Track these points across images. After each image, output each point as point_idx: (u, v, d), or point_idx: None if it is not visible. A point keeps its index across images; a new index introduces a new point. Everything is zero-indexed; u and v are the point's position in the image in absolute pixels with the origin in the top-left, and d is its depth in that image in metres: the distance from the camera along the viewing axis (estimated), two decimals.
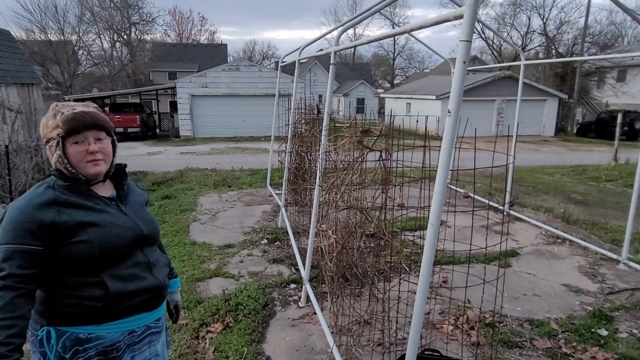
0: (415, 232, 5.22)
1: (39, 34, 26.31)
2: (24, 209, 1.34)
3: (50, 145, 1.45)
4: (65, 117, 1.42)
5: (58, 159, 1.43)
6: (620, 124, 12.39)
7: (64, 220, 1.36)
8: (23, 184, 6.92)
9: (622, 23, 31.32)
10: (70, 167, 1.43)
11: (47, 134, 1.45)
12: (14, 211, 1.34)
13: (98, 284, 1.39)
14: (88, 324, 1.39)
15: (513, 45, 9.27)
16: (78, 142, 1.44)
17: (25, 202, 1.36)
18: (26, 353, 1.42)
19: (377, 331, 3.11)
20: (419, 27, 1.91)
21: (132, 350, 1.49)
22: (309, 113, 5.78)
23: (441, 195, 1.61)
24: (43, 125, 1.48)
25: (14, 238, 1.30)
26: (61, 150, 1.42)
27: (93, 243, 1.37)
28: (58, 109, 1.46)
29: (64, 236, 1.35)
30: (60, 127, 1.42)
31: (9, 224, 1.32)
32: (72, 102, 1.53)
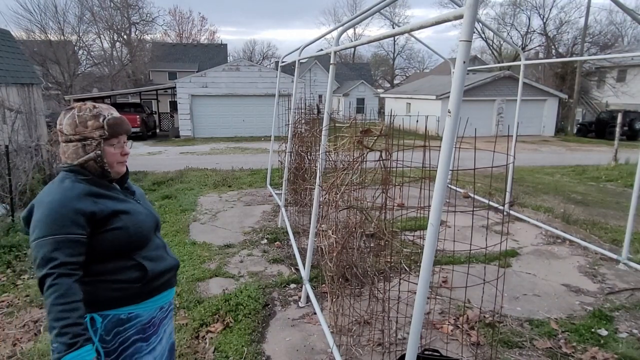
0: (415, 232, 5.22)
1: (39, 34, 26.31)
2: (63, 201, 1.43)
3: (85, 143, 1.53)
4: (111, 121, 1.55)
5: (95, 157, 1.54)
6: (620, 124, 12.39)
7: (100, 209, 1.47)
8: (23, 183, 6.91)
9: (622, 23, 31.35)
10: (105, 165, 1.56)
11: (86, 133, 1.53)
12: (53, 204, 1.41)
13: (135, 267, 1.53)
14: (128, 305, 1.51)
15: (513, 45, 9.28)
16: (114, 144, 1.58)
17: (61, 195, 1.44)
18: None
19: (377, 331, 3.11)
20: (419, 27, 1.92)
21: (162, 325, 1.65)
22: (309, 113, 5.78)
23: (441, 195, 1.61)
24: (78, 124, 1.53)
25: (59, 229, 1.38)
26: (101, 150, 1.54)
27: (128, 228, 1.52)
28: (98, 111, 1.55)
29: (101, 224, 1.46)
30: (105, 129, 1.54)
31: (50, 217, 1.39)
32: (104, 105, 1.61)
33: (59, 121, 1.57)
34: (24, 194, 6.91)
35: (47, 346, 3.10)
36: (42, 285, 1.36)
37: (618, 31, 31.74)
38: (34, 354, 3.05)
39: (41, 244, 1.37)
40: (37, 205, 1.44)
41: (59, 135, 1.57)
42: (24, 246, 5.30)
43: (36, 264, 1.37)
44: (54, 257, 1.35)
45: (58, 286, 1.33)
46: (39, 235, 1.38)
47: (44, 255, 1.36)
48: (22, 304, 3.95)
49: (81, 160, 1.54)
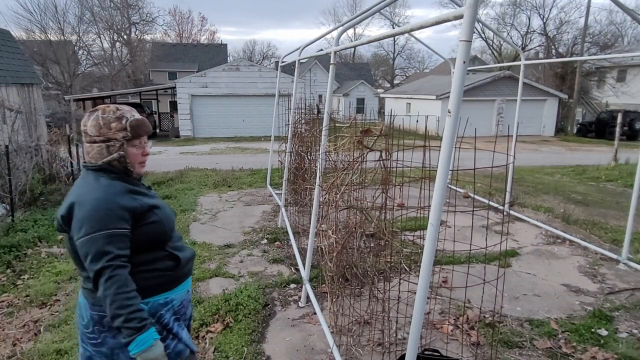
0: (415, 232, 5.22)
1: (39, 34, 26.32)
2: (108, 198, 1.52)
3: (109, 144, 1.60)
4: (133, 123, 1.62)
5: (119, 158, 1.61)
6: (620, 124, 12.39)
7: (140, 204, 1.58)
8: (23, 183, 6.91)
9: (622, 23, 31.34)
10: (128, 165, 1.64)
11: (110, 134, 1.60)
12: (99, 201, 1.50)
13: (168, 256, 1.67)
14: (165, 291, 1.65)
15: (513, 45, 9.28)
16: (136, 145, 1.65)
17: (104, 192, 1.53)
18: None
19: (377, 331, 3.11)
20: (419, 27, 1.92)
21: (188, 306, 1.82)
22: (309, 113, 5.78)
23: (441, 195, 1.61)
24: (102, 126, 1.59)
25: (109, 224, 1.47)
26: (124, 151, 1.61)
27: (162, 222, 1.64)
28: (121, 114, 1.62)
29: (140, 219, 1.57)
30: (128, 130, 1.61)
31: (98, 213, 1.48)
32: (126, 107, 1.67)
33: (84, 123, 1.62)
34: (24, 194, 6.91)
35: (47, 346, 3.11)
36: (99, 277, 1.44)
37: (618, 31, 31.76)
38: (34, 354, 3.05)
39: (94, 238, 1.45)
40: (80, 203, 1.50)
41: (84, 136, 1.63)
42: (24, 246, 5.30)
43: (89, 258, 1.45)
44: (108, 250, 1.45)
45: (118, 277, 1.44)
46: (89, 230, 1.45)
47: (97, 249, 1.44)
48: (22, 304, 3.95)
49: (105, 160, 1.61)
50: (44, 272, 4.64)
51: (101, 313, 1.57)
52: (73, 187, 1.62)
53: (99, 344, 1.60)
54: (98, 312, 1.58)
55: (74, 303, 3.87)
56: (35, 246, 5.41)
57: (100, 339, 1.60)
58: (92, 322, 1.60)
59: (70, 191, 1.60)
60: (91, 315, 1.59)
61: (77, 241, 1.48)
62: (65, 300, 4.02)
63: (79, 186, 1.59)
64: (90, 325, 1.60)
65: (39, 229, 5.87)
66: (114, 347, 1.59)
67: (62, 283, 4.39)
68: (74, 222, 1.49)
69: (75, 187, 1.60)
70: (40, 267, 4.83)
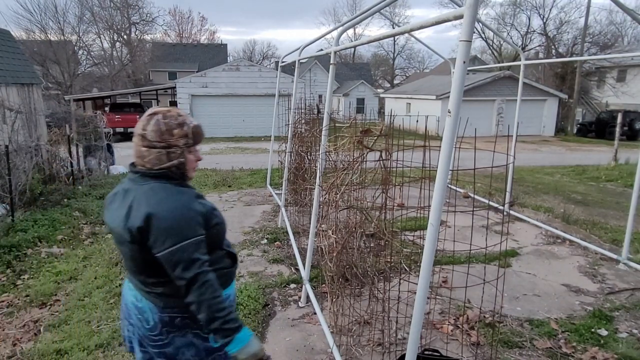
0: (415, 232, 5.22)
1: (39, 34, 26.33)
2: (185, 206, 1.53)
3: (170, 151, 1.57)
4: (195, 130, 1.62)
5: (178, 164, 1.60)
6: (620, 124, 12.39)
7: (207, 209, 1.60)
8: (23, 183, 6.91)
9: (622, 23, 31.34)
10: (186, 171, 1.64)
11: (171, 141, 1.57)
12: (178, 211, 1.51)
13: (227, 255, 1.73)
14: (226, 288, 1.68)
15: (513, 45, 9.27)
16: (192, 151, 1.64)
17: (180, 201, 1.54)
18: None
19: (377, 331, 3.11)
20: (419, 27, 1.92)
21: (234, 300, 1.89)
22: (309, 113, 5.78)
23: (441, 195, 1.61)
24: (163, 132, 1.56)
25: (192, 232, 1.50)
26: (184, 157, 1.61)
27: (223, 223, 1.69)
28: (183, 120, 1.60)
29: (208, 222, 1.59)
30: (190, 137, 1.61)
31: (180, 222, 1.49)
32: (182, 111, 1.65)
33: (142, 126, 1.56)
34: (24, 194, 6.91)
35: (47, 346, 3.11)
36: (192, 284, 1.47)
37: (618, 31, 31.76)
38: (34, 354, 3.05)
39: (182, 248, 1.47)
40: (158, 215, 1.48)
41: (139, 139, 1.57)
42: (24, 246, 5.30)
43: (181, 267, 1.47)
44: (197, 257, 1.48)
45: (210, 282, 1.49)
46: (176, 240, 1.47)
47: (188, 257, 1.47)
48: (22, 304, 3.95)
49: (164, 166, 1.58)
50: (44, 272, 4.64)
51: (173, 315, 1.60)
52: (139, 196, 1.55)
53: (165, 345, 1.62)
54: (169, 314, 1.60)
55: (74, 303, 3.87)
56: (35, 246, 5.41)
57: (167, 339, 1.62)
58: (160, 324, 1.61)
59: (137, 200, 1.53)
60: (161, 317, 1.61)
61: (163, 252, 1.47)
62: (65, 300, 4.02)
63: (148, 196, 1.53)
64: (158, 327, 1.61)
65: (39, 229, 5.86)
66: (180, 346, 1.63)
67: (62, 283, 4.39)
68: (156, 234, 1.48)
69: (144, 196, 1.53)
70: (40, 267, 4.83)
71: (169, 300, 1.60)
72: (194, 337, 1.63)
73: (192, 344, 1.63)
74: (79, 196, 7.74)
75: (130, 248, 1.55)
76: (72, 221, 6.46)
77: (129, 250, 1.57)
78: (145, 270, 1.59)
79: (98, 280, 4.31)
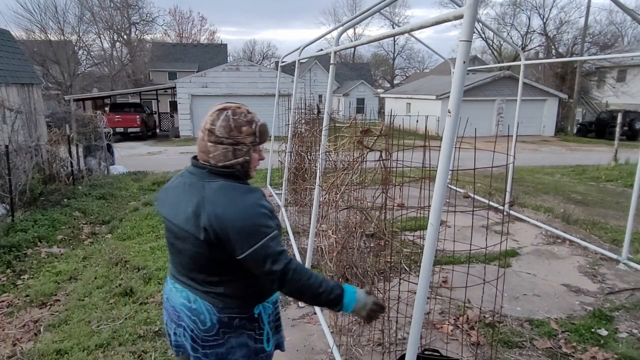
0: (415, 232, 5.22)
1: (39, 34, 26.30)
2: (259, 202, 1.54)
3: (236, 148, 1.56)
4: (261, 129, 1.61)
5: (243, 162, 1.60)
6: (620, 124, 12.39)
7: (271, 206, 1.60)
8: (23, 183, 6.91)
9: (622, 23, 31.35)
10: (249, 170, 1.64)
11: (239, 138, 1.56)
12: (251, 210, 1.50)
13: None
14: (274, 294, 1.71)
15: (513, 45, 9.28)
16: (257, 150, 1.64)
17: (252, 200, 1.53)
18: None
19: (377, 331, 3.11)
20: (419, 27, 1.92)
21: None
22: (309, 113, 5.79)
23: (441, 195, 1.61)
24: (232, 128, 1.54)
25: (269, 227, 1.51)
26: (249, 155, 1.60)
27: (280, 225, 1.63)
28: (252, 117, 1.59)
29: (275, 218, 1.59)
30: (257, 136, 1.59)
31: (259, 220, 1.49)
32: (248, 108, 1.63)
33: (211, 122, 1.55)
34: (24, 194, 6.91)
35: (47, 346, 3.11)
36: (285, 275, 1.49)
37: (618, 31, 31.77)
38: (34, 354, 3.05)
39: (265, 245, 1.48)
40: (234, 216, 1.47)
41: (207, 134, 1.55)
42: (24, 246, 5.30)
43: (269, 262, 1.48)
44: (280, 249, 1.50)
45: (298, 267, 1.52)
46: (258, 239, 1.47)
47: (273, 252, 1.48)
48: (22, 304, 3.95)
49: (228, 163, 1.57)
50: (44, 272, 4.64)
51: (232, 315, 1.59)
52: (210, 194, 1.51)
53: (219, 345, 1.60)
54: (229, 315, 1.58)
55: (74, 303, 3.87)
56: (35, 246, 5.41)
57: (222, 340, 1.60)
58: (218, 325, 1.58)
59: (209, 199, 1.50)
60: (219, 318, 1.58)
61: (247, 252, 1.47)
62: (65, 300, 4.02)
63: (220, 195, 1.51)
64: (215, 328, 1.58)
65: (39, 229, 5.87)
66: (233, 346, 1.61)
67: (62, 283, 4.39)
68: (236, 236, 1.46)
69: (216, 195, 1.50)
70: (40, 267, 4.83)
71: (229, 300, 1.58)
72: (247, 337, 1.62)
73: (245, 345, 1.62)
74: (79, 196, 7.75)
75: (195, 245, 1.51)
76: (72, 221, 6.46)
77: (192, 247, 1.53)
78: (208, 269, 1.56)
79: (98, 280, 4.31)
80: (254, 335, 1.63)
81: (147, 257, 4.84)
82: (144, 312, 3.58)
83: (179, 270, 1.65)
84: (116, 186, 8.97)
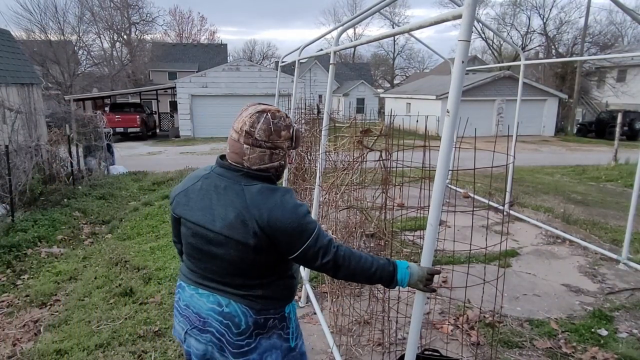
0: (415, 232, 5.22)
1: (39, 34, 26.29)
2: (296, 202, 1.55)
3: (274, 152, 1.56)
4: (297, 134, 1.62)
5: (278, 167, 1.60)
6: (620, 124, 12.39)
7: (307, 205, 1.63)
8: (23, 183, 6.91)
9: (622, 23, 31.31)
10: (281, 174, 1.65)
11: (278, 142, 1.56)
12: (297, 209, 1.51)
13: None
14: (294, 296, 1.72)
15: (513, 45, 9.27)
16: (289, 155, 1.66)
17: (290, 199, 1.53)
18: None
19: (377, 331, 3.11)
20: (419, 27, 1.92)
21: None
22: (309, 113, 5.78)
23: (440, 195, 1.61)
24: (272, 132, 1.53)
25: (313, 223, 1.54)
26: (284, 160, 1.62)
27: None
28: (290, 122, 1.60)
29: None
30: (293, 141, 1.60)
31: (303, 219, 1.51)
32: (285, 112, 1.63)
33: (251, 123, 1.52)
34: (24, 194, 6.92)
35: (47, 346, 3.11)
36: (337, 262, 1.54)
37: (618, 31, 31.74)
38: (34, 354, 3.05)
39: (314, 240, 1.51)
40: (283, 219, 1.47)
41: (245, 136, 1.53)
42: (24, 246, 5.30)
43: (320, 255, 1.52)
44: (327, 241, 1.54)
45: (347, 252, 1.56)
46: (307, 236, 1.50)
47: (322, 244, 1.52)
48: (22, 304, 3.95)
49: (263, 167, 1.56)
50: (44, 272, 4.64)
51: (268, 316, 1.59)
52: (253, 198, 1.49)
53: (251, 350, 1.57)
54: (265, 316, 1.58)
55: (74, 303, 3.87)
56: (35, 246, 5.41)
57: (254, 343, 1.57)
58: (252, 327, 1.56)
59: (253, 203, 1.48)
60: (255, 320, 1.55)
61: (300, 250, 1.50)
62: (65, 300, 4.02)
63: (262, 199, 1.49)
64: (248, 331, 1.55)
65: (39, 229, 5.87)
66: (265, 350, 1.59)
67: (62, 283, 4.39)
68: (287, 238, 1.48)
69: (259, 199, 1.48)
70: (40, 267, 4.83)
71: (267, 302, 1.57)
72: (277, 338, 1.62)
73: (275, 347, 1.61)
74: (79, 196, 7.75)
75: (239, 250, 1.49)
76: (72, 221, 6.47)
77: (233, 252, 1.49)
78: (249, 273, 1.53)
79: (98, 280, 4.31)
80: (283, 335, 1.64)
81: (147, 257, 4.84)
82: (144, 312, 3.58)
83: (206, 276, 1.59)
84: (116, 186, 8.98)
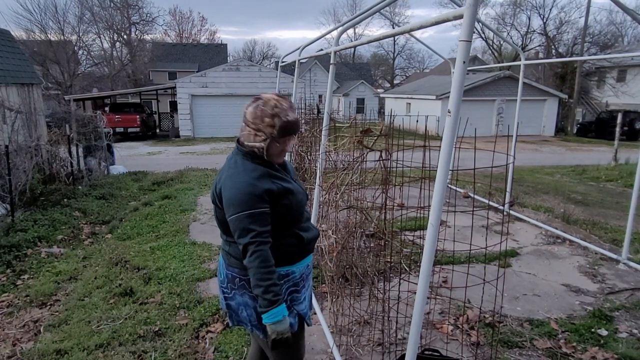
0: (415, 232, 5.22)
1: (39, 34, 26.27)
2: (250, 182, 1.70)
3: (257, 133, 1.75)
4: (282, 125, 1.73)
5: (259, 147, 1.77)
6: (620, 124, 12.38)
7: (277, 187, 1.75)
8: (23, 183, 6.91)
9: (622, 23, 31.34)
10: (265, 155, 1.78)
11: (260, 126, 1.74)
12: (242, 185, 1.70)
13: (293, 235, 1.84)
14: (286, 265, 1.83)
15: (513, 45, 9.27)
16: (280, 142, 1.77)
17: (248, 177, 1.72)
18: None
19: (377, 331, 3.11)
20: (419, 27, 1.92)
21: (308, 279, 2.01)
22: (309, 113, 5.78)
23: (441, 195, 1.61)
24: (257, 116, 1.74)
25: (251, 205, 1.66)
26: (266, 143, 1.75)
27: (292, 206, 1.80)
28: (277, 112, 1.73)
29: (276, 200, 1.74)
30: (276, 130, 1.73)
31: (243, 195, 1.67)
32: (285, 104, 1.76)
33: (247, 105, 1.79)
34: (24, 194, 6.91)
35: (47, 346, 3.11)
36: (245, 251, 1.66)
37: (618, 31, 31.76)
38: (34, 354, 3.05)
39: (240, 218, 1.66)
40: (228, 185, 1.72)
41: (243, 115, 1.80)
42: (24, 246, 5.30)
43: (237, 234, 1.68)
44: (252, 228, 1.65)
45: (260, 252, 1.65)
46: (236, 210, 1.67)
47: (243, 227, 1.66)
48: (22, 304, 3.95)
49: (249, 144, 1.78)
50: (44, 272, 4.64)
51: (233, 274, 1.83)
52: (226, 165, 1.82)
53: (230, 298, 1.87)
54: (232, 272, 1.84)
55: (74, 303, 3.87)
56: (35, 246, 5.41)
57: (230, 294, 1.86)
58: (226, 279, 1.86)
59: (224, 168, 1.82)
60: (226, 273, 1.86)
61: (228, 218, 1.70)
62: (65, 300, 4.02)
63: (229, 167, 1.79)
64: (225, 281, 1.87)
65: (39, 229, 5.87)
66: (239, 304, 1.84)
67: (62, 283, 4.39)
68: (224, 201, 1.71)
69: (227, 167, 1.81)
70: (40, 267, 4.83)
71: (231, 259, 1.83)
72: (249, 298, 1.80)
73: (247, 305, 1.82)
74: (79, 196, 7.74)
75: (215, 207, 1.82)
76: (72, 221, 6.47)
77: (215, 208, 1.83)
78: (221, 228, 1.84)
79: (98, 280, 4.31)
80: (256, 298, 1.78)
81: (147, 257, 4.84)
82: (144, 312, 3.58)
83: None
84: (116, 186, 8.98)
